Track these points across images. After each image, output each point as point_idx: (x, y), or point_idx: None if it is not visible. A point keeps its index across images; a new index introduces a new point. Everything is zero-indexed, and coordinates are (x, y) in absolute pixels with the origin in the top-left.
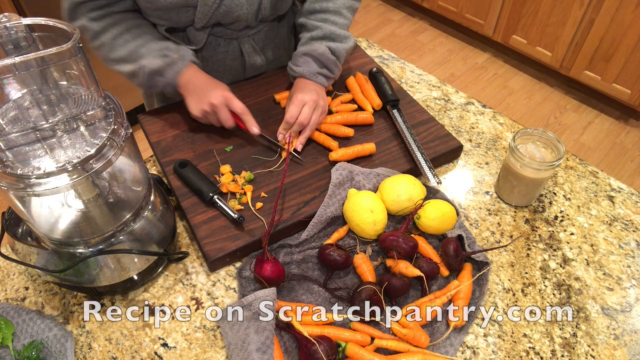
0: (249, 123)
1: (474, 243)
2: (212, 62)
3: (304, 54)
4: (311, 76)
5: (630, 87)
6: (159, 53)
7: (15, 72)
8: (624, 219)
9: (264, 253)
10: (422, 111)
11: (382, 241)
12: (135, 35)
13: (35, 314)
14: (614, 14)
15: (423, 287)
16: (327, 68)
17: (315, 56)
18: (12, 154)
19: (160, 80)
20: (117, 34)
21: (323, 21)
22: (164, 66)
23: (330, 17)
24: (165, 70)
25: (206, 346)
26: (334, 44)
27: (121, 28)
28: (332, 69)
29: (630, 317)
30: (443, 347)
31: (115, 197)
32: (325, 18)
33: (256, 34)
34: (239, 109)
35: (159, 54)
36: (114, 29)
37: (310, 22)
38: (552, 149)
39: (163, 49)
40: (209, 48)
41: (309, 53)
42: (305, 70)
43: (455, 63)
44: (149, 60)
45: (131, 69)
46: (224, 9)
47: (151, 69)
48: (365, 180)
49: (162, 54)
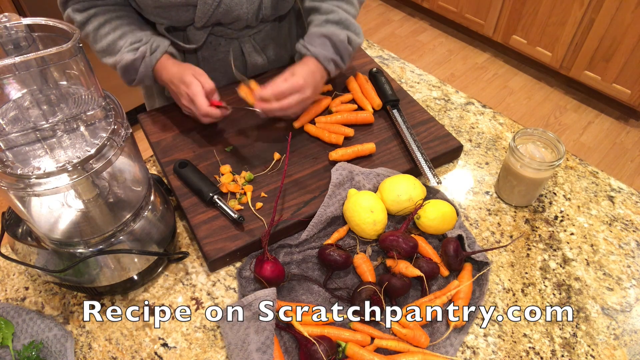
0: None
1: (474, 243)
2: (212, 61)
3: (323, 35)
4: (324, 60)
5: (630, 87)
6: (132, 47)
7: (15, 72)
8: (624, 219)
9: (264, 253)
10: (422, 111)
11: (382, 241)
12: (115, 27)
13: (35, 314)
14: (614, 14)
15: (423, 287)
16: (340, 56)
17: (335, 42)
18: (12, 154)
19: (135, 73)
20: (99, 25)
21: (337, 7)
22: (135, 60)
23: (343, 5)
24: (138, 64)
25: (206, 346)
26: (353, 35)
27: (102, 19)
28: (345, 58)
29: (630, 317)
30: (443, 347)
31: (115, 197)
32: (339, 5)
33: (257, 33)
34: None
35: (132, 47)
36: (95, 21)
37: (325, 5)
38: (552, 149)
39: (136, 42)
40: (210, 48)
41: (329, 37)
42: (320, 53)
43: (455, 63)
44: (122, 55)
45: (112, 62)
46: (224, 7)
47: (124, 64)
48: (365, 180)
49: (134, 48)
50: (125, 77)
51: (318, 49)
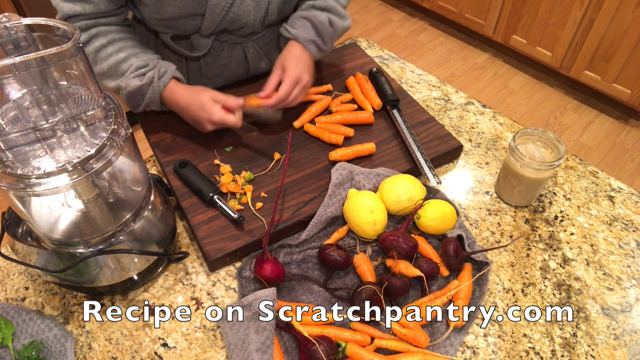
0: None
1: (474, 243)
2: (215, 67)
3: (303, 17)
4: (305, 42)
5: (630, 87)
6: (138, 72)
7: (15, 72)
8: (624, 219)
9: (264, 253)
10: (422, 111)
11: (382, 241)
12: (118, 49)
13: (35, 314)
14: (614, 14)
15: (423, 287)
16: (321, 38)
17: (315, 23)
18: (12, 154)
19: (142, 100)
20: (101, 46)
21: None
22: (143, 86)
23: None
24: (145, 90)
25: (206, 346)
26: (335, 17)
27: (105, 40)
28: (326, 40)
29: (630, 317)
30: (443, 347)
31: (115, 197)
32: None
33: (260, 38)
34: (234, 105)
35: (138, 73)
36: (97, 41)
37: None
38: (552, 149)
39: (142, 66)
40: (213, 53)
41: (309, 18)
42: (300, 34)
43: (455, 63)
44: (129, 79)
45: (114, 85)
46: (232, 15)
47: (130, 90)
48: (365, 180)
49: (141, 73)
50: (130, 103)
51: (299, 31)
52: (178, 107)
